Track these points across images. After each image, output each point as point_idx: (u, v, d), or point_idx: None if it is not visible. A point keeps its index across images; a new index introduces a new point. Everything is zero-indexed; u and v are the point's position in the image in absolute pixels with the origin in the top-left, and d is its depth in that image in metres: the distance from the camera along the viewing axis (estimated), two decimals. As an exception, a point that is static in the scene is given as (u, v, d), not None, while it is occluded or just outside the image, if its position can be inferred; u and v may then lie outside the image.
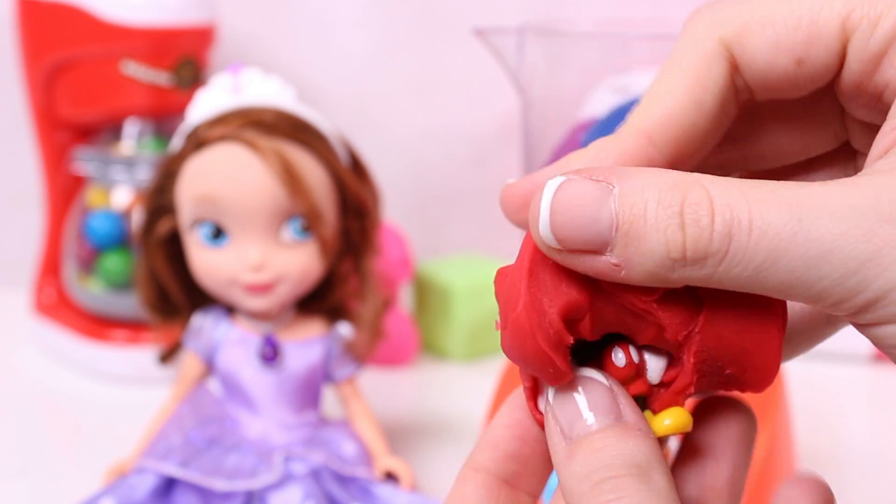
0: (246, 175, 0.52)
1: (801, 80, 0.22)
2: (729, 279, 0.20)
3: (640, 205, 0.20)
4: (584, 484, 0.21)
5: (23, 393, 0.72)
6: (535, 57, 0.56)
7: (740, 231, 0.20)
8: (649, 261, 0.20)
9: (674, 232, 0.20)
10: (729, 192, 0.20)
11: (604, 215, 0.20)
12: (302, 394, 0.55)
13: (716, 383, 0.23)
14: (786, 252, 0.19)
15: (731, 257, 0.20)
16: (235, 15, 0.86)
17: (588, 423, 0.22)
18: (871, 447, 0.66)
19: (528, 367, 0.23)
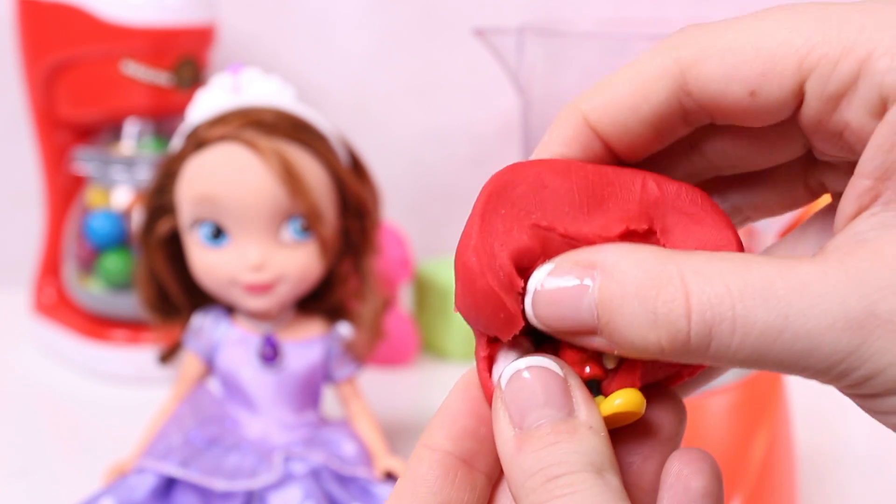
0: (246, 175, 0.52)
1: (755, 111, 0.22)
2: (718, 365, 0.21)
3: (618, 297, 0.21)
4: (535, 479, 0.21)
5: (23, 393, 0.72)
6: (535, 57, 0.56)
7: (722, 331, 0.20)
8: (637, 348, 0.21)
9: (648, 331, 0.20)
10: (711, 285, 0.20)
11: (584, 307, 0.21)
12: (302, 394, 0.55)
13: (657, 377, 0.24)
14: (772, 348, 0.20)
15: (713, 353, 0.20)
16: (235, 15, 0.86)
17: (540, 415, 0.22)
18: (871, 447, 0.66)
19: (479, 315, 0.22)
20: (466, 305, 0.23)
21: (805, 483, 0.58)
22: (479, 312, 0.22)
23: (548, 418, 0.22)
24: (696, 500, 0.23)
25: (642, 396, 0.23)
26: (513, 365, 0.22)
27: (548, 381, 0.22)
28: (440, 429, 0.24)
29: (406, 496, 0.24)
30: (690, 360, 0.21)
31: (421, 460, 0.24)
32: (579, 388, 0.22)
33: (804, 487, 0.58)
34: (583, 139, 0.24)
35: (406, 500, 0.24)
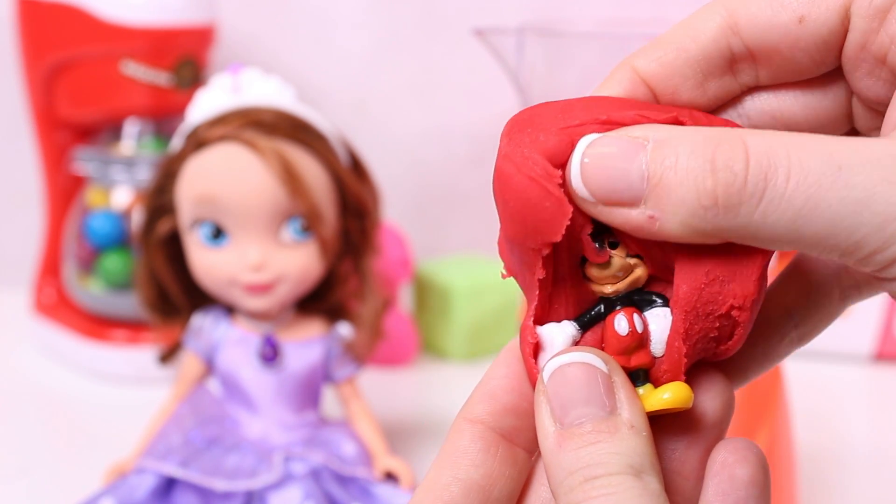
0: (246, 175, 0.52)
1: (804, 40, 0.22)
2: (766, 229, 0.20)
3: (672, 156, 0.20)
4: (574, 477, 0.21)
5: (23, 393, 0.72)
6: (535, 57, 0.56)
7: (777, 176, 0.20)
8: (682, 210, 0.20)
9: (704, 178, 0.20)
10: (766, 140, 0.20)
11: (634, 168, 0.21)
12: (302, 394, 0.55)
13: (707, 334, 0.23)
14: (825, 198, 0.19)
15: (766, 203, 0.20)
16: (235, 15, 0.86)
17: (582, 412, 0.21)
18: (872, 447, 0.66)
19: (525, 215, 0.22)
20: (511, 215, 0.22)
21: (805, 483, 0.58)
22: (525, 212, 0.22)
23: (589, 416, 0.21)
24: (742, 488, 0.23)
25: (690, 390, 0.22)
26: (557, 359, 0.22)
27: (591, 377, 0.22)
28: (480, 403, 0.24)
29: (447, 468, 0.23)
30: (738, 218, 0.20)
31: (461, 432, 0.24)
32: (623, 384, 0.22)
33: (804, 487, 0.58)
34: (630, 88, 0.24)
35: (447, 471, 0.23)
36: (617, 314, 0.23)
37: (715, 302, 0.22)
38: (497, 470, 0.23)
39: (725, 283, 0.22)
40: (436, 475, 0.24)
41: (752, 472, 0.23)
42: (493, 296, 0.77)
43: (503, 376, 0.24)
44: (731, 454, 0.23)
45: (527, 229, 0.22)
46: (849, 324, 0.77)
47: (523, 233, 0.22)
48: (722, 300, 0.22)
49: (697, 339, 0.23)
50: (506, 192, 0.22)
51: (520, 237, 0.22)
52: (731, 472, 0.23)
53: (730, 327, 0.23)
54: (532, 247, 0.22)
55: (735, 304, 0.22)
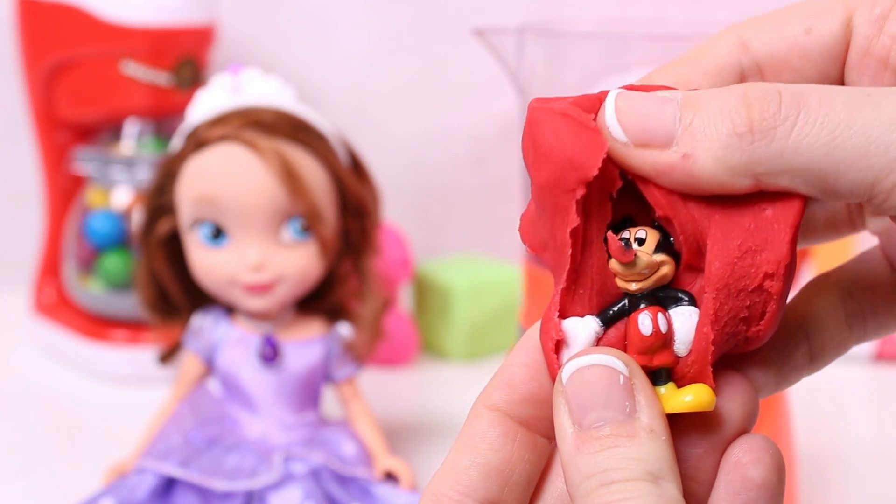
0: (246, 175, 0.52)
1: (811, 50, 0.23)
2: (801, 154, 0.20)
3: (704, 98, 0.21)
4: (590, 482, 0.21)
5: (23, 393, 0.72)
6: (534, 57, 0.56)
7: (809, 103, 0.20)
8: (716, 143, 0.20)
9: (738, 110, 0.20)
10: (794, 85, 0.21)
11: (667, 110, 0.21)
12: (302, 394, 0.55)
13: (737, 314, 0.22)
14: (857, 118, 0.20)
15: (801, 125, 0.20)
16: (235, 15, 0.86)
17: (601, 416, 0.21)
18: (872, 447, 0.66)
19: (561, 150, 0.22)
20: (545, 155, 0.22)
21: (805, 483, 0.58)
22: (560, 148, 0.22)
23: (608, 420, 0.21)
24: (753, 489, 0.23)
25: (713, 393, 0.22)
26: (577, 361, 0.22)
27: (611, 380, 0.21)
28: (498, 391, 0.24)
29: (466, 452, 0.23)
30: (773, 145, 0.20)
31: (480, 417, 0.23)
32: (643, 387, 0.22)
33: (804, 487, 0.58)
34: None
35: (466, 455, 0.23)
36: (641, 313, 0.22)
37: (747, 276, 0.22)
38: (516, 454, 0.23)
39: (758, 253, 0.22)
40: (454, 459, 0.23)
41: (765, 474, 0.23)
42: (493, 296, 0.77)
43: (522, 364, 0.24)
44: (746, 454, 0.23)
45: (562, 166, 0.22)
46: (849, 324, 0.77)
47: (558, 172, 0.22)
48: (755, 272, 0.22)
49: (727, 322, 0.22)
50: (538, 134, 0.22)
51: (554, 178, 0.22)
52: (744, 472, 0.23)
53: (761, 304, 0.22)
54: (567, 188, 0.22)
55: (768, 271, 0.22)
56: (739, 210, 0.22)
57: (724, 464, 0.23)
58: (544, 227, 0.23)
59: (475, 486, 0.23)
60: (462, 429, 0.24)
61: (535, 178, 0.23)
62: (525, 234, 0.24)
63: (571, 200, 0.22)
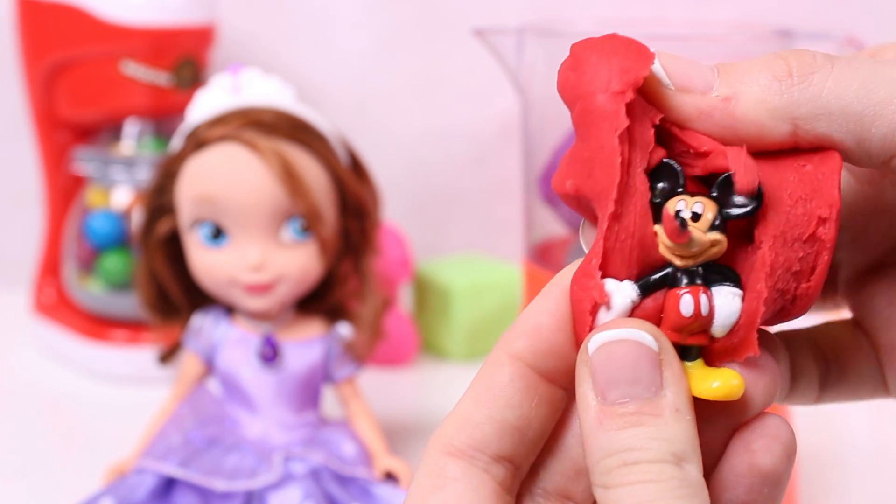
0: (246, 175, 0.52)
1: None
2: (837, 99, 0.21)
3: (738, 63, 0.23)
4: (613, 460, 0.20)
5: (23, 393, 0.72)
6: (534, 57, 0.56)
7: (840, 59, 0.22)
8: (756, 86, 0.22)
9: (776, 62, 0.22)
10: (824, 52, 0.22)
11: (706, 68, 0.23)
12: (302, 394, 0.55)
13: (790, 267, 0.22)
14: (886, 69, 0.22)
15: (837, 70, 0.22)
16: (235, 15, 0.86)
17: (626, 392, 0.21)
18: (872, 447, 0.66)
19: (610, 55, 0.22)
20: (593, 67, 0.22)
21: (805, 483, 0.58)
22: (608, 58, 0.22)
23: (633, 396, 0.21)
24: (757, 477, 0.23)
25: (742, 382, 0.21)
26: (604, 334, 0.21)
27: (639, 356, 0.21)
28: (522, 339, 0.23)
29: (484, 403, 0.23)
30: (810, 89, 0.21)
31: (501, 367, 0.23)
32: (672, 364, 0.21)
33: (804, 487, 0.58)
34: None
35: (484, 407, 0.22)
36: (684, 292, 0.21)
37: (801, 223, 0.22)
38: (534, 412, 0.23)
39: (808, 201, 0.22)
40: (470, 410, 0.23)
41: (773, 463, 0.23)
42: (493, 296, 0.77)
43: (549, 312, 0.23)
44: (758, 438, 0.23)
45: (611, 73, 0.22)
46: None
47: (606, 79, 0.22)
48: (808, 219, 0.22)
49: (780, 276, 0.22)
50: (585, 54, 0.22)
51: (602, 84, 0.22)
52: (752, 458, 0.22)
53: (813, 256, 0.22)
54: (616, 90, 0.22)
55: (822, 215, 0.22)
56: (781, 167, 0.22)
57: (734, 443, 0.23)
58: (587, 150, 0.22)
59: (489, 441, 0.22)
60: (479, 374, 0.23)
61: (579, 91, 0.22)
62: (562, 174, 0.23)
63: (620, 104, 0.21)
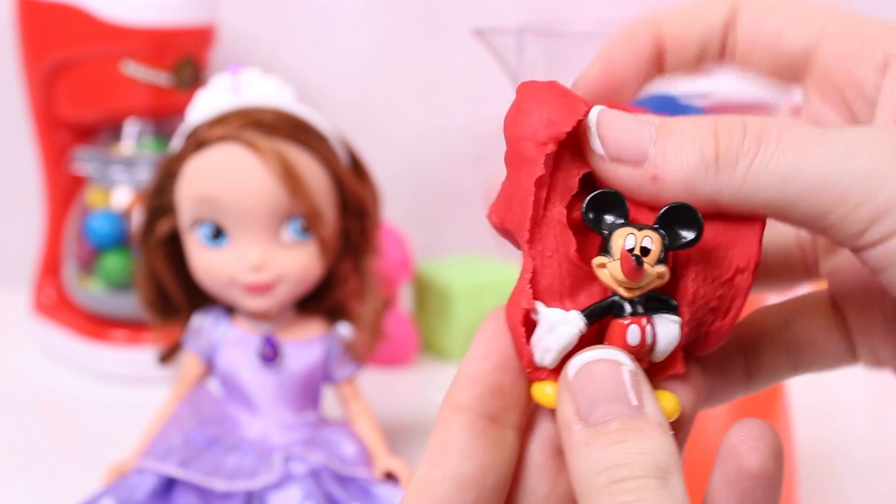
0: (246, 175, 0.52)
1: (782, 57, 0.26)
2: (758, 187, 0.22)
3: (678, 125, 0.23)
4: (601, 478, 0.20)
5: (23, 393, 0.72)
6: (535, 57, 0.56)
7: (769, 139, 0.22)
8: (684, 168, 0.22)
9: (707, 141, 0.22)
10: (761, 119, 0.22)
11: (645, 130, 0.23)
12: (302, 394, 0.55)
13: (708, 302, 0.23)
14: (812, 154, 0.21)
15: (759, 160, 0.21)
16: (235, 15, 0.86)
17: (609, 410, 0.21)
18: (872, 447, 0.66)
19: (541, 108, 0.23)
20: (524, 111, 0.23)
21: (805, 483, 0.58)
22: (541, 106, 0.23)
23: (616, 414, 0.21)
24: (749, 480, 0.23)
25: (678, 401, 0.23)
26: (581, 357, 0.22)
27: (617, 375, 0.21)
28: (464, 389, 0.23)
29: (437, 464, 0.23)
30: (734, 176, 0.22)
31: (448, 424, 0.23)
32: (645, 382, 0.22)
33: (804, 487, 0.58)
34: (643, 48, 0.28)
35: (438, 467, 0.23)
36: (630, 323, 0.22)
37: (721, 266, 0.23)
38: (488, 458, 0.23)
39: (729, 248, 0.23)
40: (427, 472, 0.23)
41: (761, 464, 0.23)
42: (493, 296, 0.77)
43: (483, 357, 0.23)
44: (743, 441, 0.23)
45: (539, 122, 0.23)
46: (849, 324, 0.77)
47: (534, 126, 0.23)
48: (727, 264, 0.23)
49: (699, 307, 0.23)
50: (523, 98, 0.23)
51: (529, 131, 0.23)
52: (740, 462, 0.23)
53: (729, 298, 0.23)
54: (540, 140, 0.23)
55: (740, 265, 0.23)
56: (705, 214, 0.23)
57: (719, 452, 0.23)
58: (510, 187, 0.24)
59: (450, 498, 0.23)
60: (431, 437, 0.23)
61: (509, 134, 0.23)
62: (491, 206, 0.25)
63: (541, 154, 0.23)
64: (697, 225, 0.22)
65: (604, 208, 0.23)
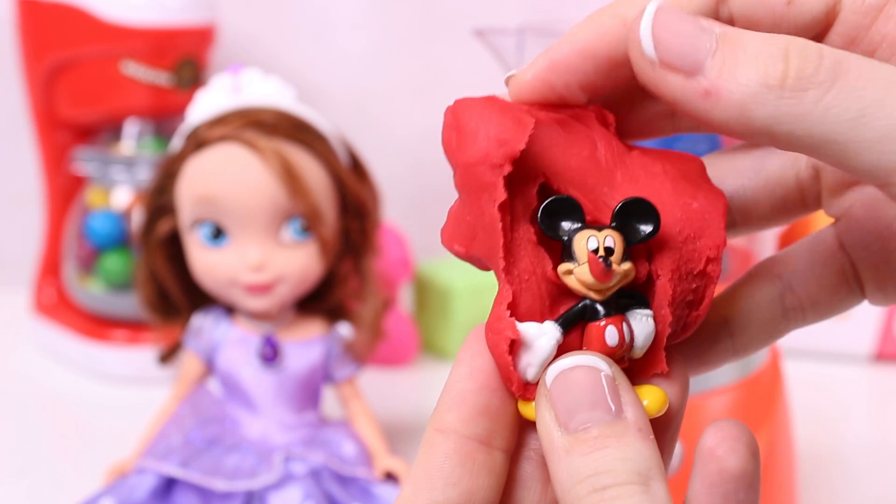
0: (246, 175, 0.52)
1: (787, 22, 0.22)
2: (825, 125, 0.19)
3: (745, 36, 0.20)
4: (583, 486, 0.20)
5: (23, 393, 0.72)
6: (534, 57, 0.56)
7: (848, 73, 0.19)
8: (743, 86, 0.19)
9: (775, 61, 0.19)
10: (838, 51, 0.20)
11: (704, 38, 0.20)
12: (302, 394, 0.55)
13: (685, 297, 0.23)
14: (892, 99, 0.19)
15: (834, 94, 0.19)
16: (235, 15, 0.86)
17: (588, 417, 0.21)
18: (872, 447, 0.66)
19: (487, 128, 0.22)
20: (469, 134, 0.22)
21: (805, 483, 0.58)
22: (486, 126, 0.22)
23: (595, 421, 0.21)
24: (731, 481, 0.23)
25: (666, 396, 0.22)
26: (558, 364, 0.22)
27: (595, 381, 0.21)
28: (451, 411, 0.23)
29: (423, 488, 0.22)
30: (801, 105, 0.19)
31: (434, 448, 0.22)
32: (626, 386, 0.21)
33: (804, 487, 0.58)
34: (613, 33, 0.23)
35: (423, 491, 0.22)
36: (607, 325, 0.22)
37: (693, 260, 0.23)
38: (475, 483, 0.22)
39: (697, 240, 0.23)
40: (410, 496, 0.22)
41: (741, 464, 0.23)
42: (492, 296, 0.77)
43: (467, 377, 0.23)
44: (721, 444, 0.23)
45: (489, 144, 0.22)
46: (849, 324, 0.77)
47: (484, 150, 0.22)
48: (698, 256, 0.23)
49: (678, 305, 0.23)
50: (463, 118, 0.22)
51: (480, 155, 0.22)
52: (720, 464, 0.23)
53: (703, 288, 0.23)
54: (494, 163, 0.22)
55: (710, 255, 0.23)
56: (668, 203, 0.23)
57: (697, 454, 0.23)
58: (470, 215, 0.23)
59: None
60: (417, 459, 0.23)
61: (459, 160, 0.22)
62: (449, 234, 0.24)
63: (499, 177, 0.22)
64: (654, 217, 0.22)
65: (559, 214, 0.22)
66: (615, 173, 0.23)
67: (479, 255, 0.23)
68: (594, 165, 0.23)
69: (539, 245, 0.22)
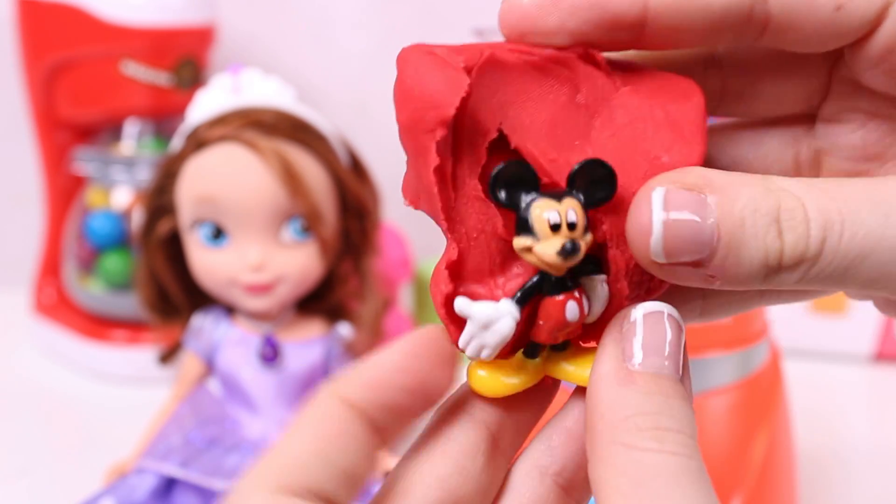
0: (246, 175, 0.52)
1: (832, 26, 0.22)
2: (818, 280, 0.21)
3: (738, 214, 0.21)
4: (645, 419, 0.20)
5: (23, 393, 0.72)
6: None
7: (832, 234, 0.20)
8: (746, 270, 0.21)
9: (773, 239, 0.20)
10: (817, 196, 0.21)
11: (707, 229, 0.21)
12: (302, 394, 0.55)
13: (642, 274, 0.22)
14: (875, 248, 0.20)
15: (823, 259, 0.20)
16: (235, 15, 0.86)
17: (663, 364, 0.21)
18: (872, 447, 0.66)
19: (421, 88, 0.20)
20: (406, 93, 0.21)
21: (805, 483, 0.58)
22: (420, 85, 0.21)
23: (668, 371, 0.21)
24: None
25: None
26: (652, 306, 0.22)
27: (680, 335, 0.21)
28: (360, 387, 0.24)
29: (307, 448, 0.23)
30: (794, 274, 0.21)
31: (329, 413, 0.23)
32: (686, 360, 0.22)
33: (804, 487, 0.58)
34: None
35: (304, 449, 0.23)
36: (567, 300, 0.21)
37: None
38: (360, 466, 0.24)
39: None
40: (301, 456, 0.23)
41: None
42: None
43: (394, 370, 0.25)
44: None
45: (422, 105, 0.20)
46: (849, 324, 0.77)
47: (418, 112, 0.20)
48: None
49: (633, 271, 0.22)
50: (402, 72, 0.21)
51: (414, 118, 0.21)
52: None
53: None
54: (426, 128, 0.21)
55: None
56: (635, 159, 0.22)
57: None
58: (413, 175, 0.22)
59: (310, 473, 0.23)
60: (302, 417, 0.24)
61: (399, 116, 0.21)
62: (404, 186, 0.23)
63: (431, 141, 0.21)
64: (610, 177, 0.21)
65: (511, 182, 0.21)
66: (594, 120, 0.22)
67: (425, 210, 0.22)
68: (568, 114, 0.22)
69: (486, 201, 0.21)
